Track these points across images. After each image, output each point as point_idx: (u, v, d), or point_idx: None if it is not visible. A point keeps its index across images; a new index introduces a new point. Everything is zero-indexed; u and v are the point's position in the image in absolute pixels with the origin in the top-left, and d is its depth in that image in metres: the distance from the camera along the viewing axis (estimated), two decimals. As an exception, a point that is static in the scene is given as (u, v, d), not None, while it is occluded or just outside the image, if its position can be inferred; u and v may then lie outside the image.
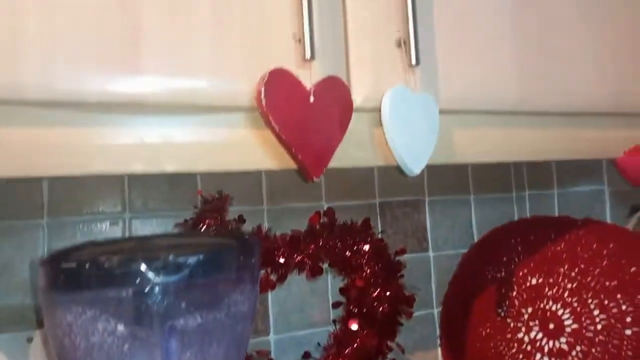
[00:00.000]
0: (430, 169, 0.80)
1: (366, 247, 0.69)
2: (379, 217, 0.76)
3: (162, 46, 0.37)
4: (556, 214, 0.86)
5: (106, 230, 0.61)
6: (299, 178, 0.69)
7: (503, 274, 0.73)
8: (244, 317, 0.31)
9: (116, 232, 0.62)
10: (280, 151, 0.40)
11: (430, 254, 0.80)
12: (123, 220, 0.62)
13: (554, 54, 0.52)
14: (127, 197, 0.62)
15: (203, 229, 0.59)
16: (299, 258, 0.65)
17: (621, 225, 0.74)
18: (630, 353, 0.61)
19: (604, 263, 0.66)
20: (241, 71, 0.39)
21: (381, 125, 0.43)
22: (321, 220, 0.69)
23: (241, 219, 0.62)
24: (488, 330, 0.71)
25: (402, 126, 0.43)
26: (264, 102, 0.37)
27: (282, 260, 0.64)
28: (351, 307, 0.69)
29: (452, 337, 0.77)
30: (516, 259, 0.72)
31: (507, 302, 0.70)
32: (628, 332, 0.62)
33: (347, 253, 0.68)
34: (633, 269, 0.65)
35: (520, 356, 0.67)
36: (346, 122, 0.41)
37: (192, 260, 0.28)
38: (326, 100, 0.40)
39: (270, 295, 0.67)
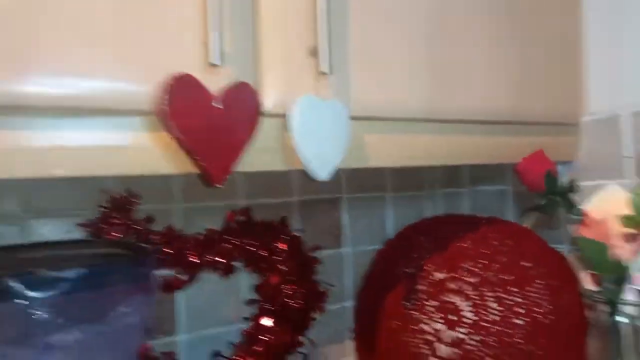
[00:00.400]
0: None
1: (283, 246, 0.70)
2: (296, 214, 0.77)
3: (57, 45, 0.35)
4: (466, 212, 0.91)
5: (1, 231, 0.56)
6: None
7: (412, 269, 0.76)
8: (133, 328, 0.30)
9: (13, 233, 0.57)
10: (182, 156, 0.39)
11: (346, 250, 0.82)
12: (21, 221, 0.58)
13: (461, 67, 0.55)
14: (24, 195, 0.58)
15: (108, 229, 0.56)
16: (212, 258, 0.64)
17: (520, 221, 0.80)
18: (520, 340, 0.66)
19: (503, 259, 0.71)
20: (142, 74, 0.37)
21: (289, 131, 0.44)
22: (237, 219, 0.68)
23: (150, 219, 0.60)
24: (396, 323, 0.74)
25: (310, 133, 0.44)
26: (165, 108, 0.36)
27: (194, 261, 0.63)
28: (265, 304, 0.70)
29: (363, 329, 0.80)
30: (425, 255, 0.76)
31: (414, 296, 0.74)
32: (519, 321, 0.67)
33: (263, 252, 0.68)
34: (527, 264, 0.70)
35: (424, 346, 0.70)
36: (254, 128, 0.41)
37: (69, 274, 0.26)
38: (233, 106, 0.39)
39: (179, 294, 0.66)
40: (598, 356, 0.66)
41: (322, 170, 0.45)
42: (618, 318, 0.61)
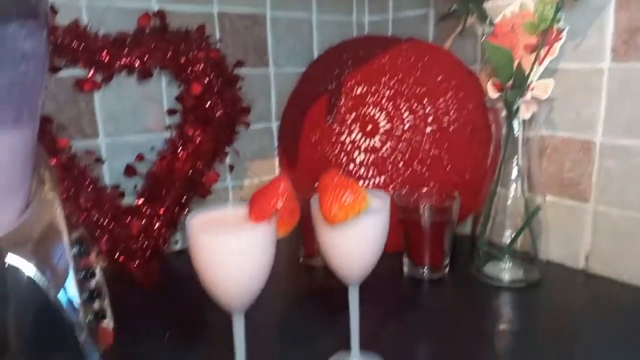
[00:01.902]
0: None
1: (200, 55, 0.69)
2: (217, 27, 0.75)
3: None
4: (389, 36, 0.92)
5: None
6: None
7: (333, 86, 0.78)
8: (29, 57, 0.30)
9: None
10: None
11: (271, 70, 0.82)
12: None
13: None
14: None
15: None
16: (126, 60, 0.63)
17: (439, 44, 0.83)
18: (427, 146, 0.72)
19: (418, 73, 0.74)
20: None
21: None
22: (151, 24, 0.66)
23: (52, 9, 0.56)
24: (317, 136, 0.79)
25: None
26: None
27: (106, 60, 0.61)
28: (187, 115, 0.71)
29: (287, 146, 0.84)
30: (346, 72, 0.78)
31: (334, 111, 0.77)
32: (428, 129, 0.73)
33: (181, 59, 0.67)
34: (440, 77, 0.74)
35: (342, 155, 0.76)
36: None
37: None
38: None
39: (97, 97, 0.65)
40: (495, 160, 0.74)
41: None
42: (514, 125, 0.67)
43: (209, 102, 0.70)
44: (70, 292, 0.35)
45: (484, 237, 0.70)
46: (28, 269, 0.31)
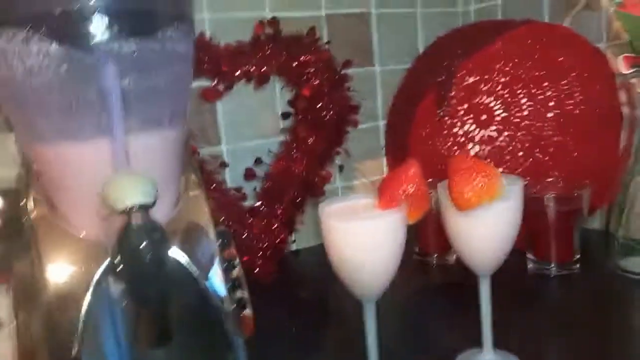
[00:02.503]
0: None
1: (312, 58, 0.70)
2: (325, 28, 0.77)
3: None
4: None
5: None
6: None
7: (443, 77, 0.76)
8: (182, 58, 0.33)
9: None
10: None
11: (377, 68, 0.82)
12: None
13: None
14: None
15: None
16: (245, 68, 0.66)
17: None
18: (550, 132, 0.68)
19: (536, 56, 0.70)
20: None
21: None
22: (265, 31, 0.69)
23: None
24: (427, 131, 0.77)
25: None
26: None
27: (226, 69, 0.65)
28: (300, 117, 0.73)
29: (395, 144, 0.83)
30: (456, 62, 0.75)
31: (445, 103, 0.75)
32: (550, 114, 0.68)
33: (294, 63, 0.70)
34: (561, 58, 0.69)
35: (455, 148, 0.73)
36: None
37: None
38: None
39: (219, 107, 0.70)
40: (629, 145, 0.67)
41: None
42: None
43: (320, 104, 0.72)
44: (215, 281, 0.37)
45: (620, 229, 0.64)
46: (182, 257, 0.34)
